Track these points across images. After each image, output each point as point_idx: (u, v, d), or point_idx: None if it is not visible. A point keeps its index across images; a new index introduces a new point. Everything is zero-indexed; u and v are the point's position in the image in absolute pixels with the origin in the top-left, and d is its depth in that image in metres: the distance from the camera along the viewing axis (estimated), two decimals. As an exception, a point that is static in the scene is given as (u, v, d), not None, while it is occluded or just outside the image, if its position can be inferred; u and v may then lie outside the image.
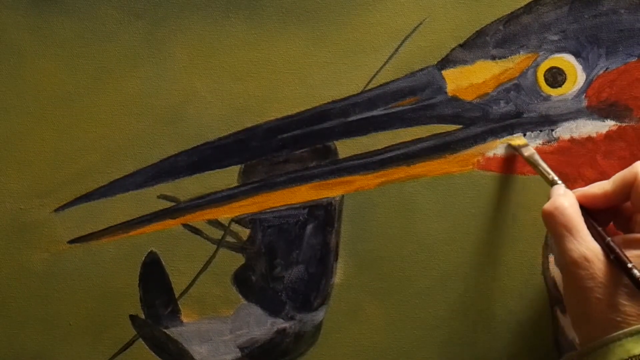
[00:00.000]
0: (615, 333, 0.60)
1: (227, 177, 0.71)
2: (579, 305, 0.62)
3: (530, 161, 0.70)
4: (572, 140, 0.72)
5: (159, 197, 0.70)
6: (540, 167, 0.69)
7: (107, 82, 0.70)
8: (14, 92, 0.69)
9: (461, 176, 0.72)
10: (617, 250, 0.61)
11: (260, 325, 0.71)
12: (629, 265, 0.60)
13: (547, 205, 0.64)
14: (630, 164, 0.72)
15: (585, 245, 0.62)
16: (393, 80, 0.71)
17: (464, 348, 0.73)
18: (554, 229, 0.63)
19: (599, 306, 0.61)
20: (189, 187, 0.70)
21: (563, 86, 0.72)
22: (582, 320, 0.63)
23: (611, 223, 0.67)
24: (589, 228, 0.63)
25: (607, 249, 0.62)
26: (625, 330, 0.60)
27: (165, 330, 0.71)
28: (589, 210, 0.64)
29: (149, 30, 0.70)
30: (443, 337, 0.73)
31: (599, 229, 0.63)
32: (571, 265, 0.62)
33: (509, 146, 0.72)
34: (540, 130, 0.72)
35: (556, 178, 0.67)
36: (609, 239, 0.62)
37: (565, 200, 0.64)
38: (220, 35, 0.70)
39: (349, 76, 0.71)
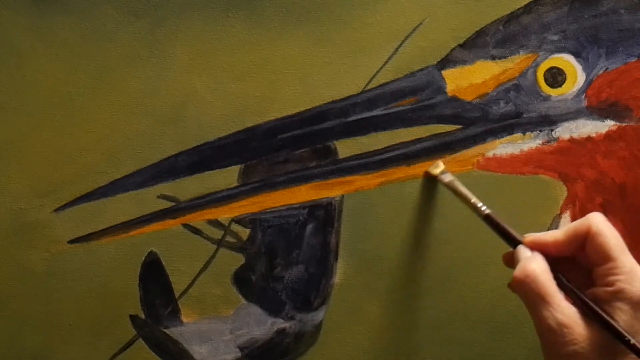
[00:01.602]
0: None
1: (227, 177, 0.71)
2: None
3: (450, 188, 0.69)
4: (572, 140, 0.72)
5: (159, 197, 0.70)
6: (461, 193, 0.67)
7: (107, 82, 0.70)
8: (14, 92, 0.69)
9: (461, 176, 0.72)
10: (597, 309, 0.59)
11: (260, 325, 0.71)
12: (612, 322, 0.59)
13: (518, 272, 0.61)
14: (630, 164, 0.72)
15: (561, 311, 0.60)
16: (393, 80, 0.71)
17: (464, 348, 0.73)
18: (527, 298, 0.61)
19: None
20: (189, 187, 0.70)
21: (563, 86, 0.72)
22: None
23: None
24: (561, 286, 0.62)
25: (587, 309, 0.60)
26: None
27: (165, 330, 0.71)
28: (559, 267, 0.63)
29: (149, 30, 0.70)
30: (443, 337, 0.73)
31: (575, 289, 0.61)
32: (549, 334, 0.60)
33: (427, 174, 0.71)
34: (540, 130, 0.72)
35: (480, 204, 0.65)
36: (585, 298, 0.61)
37: (536, 265, 0.61)
38: (220, 35, 0.70)
39: (349, 76, 0.71)
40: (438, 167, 0.72)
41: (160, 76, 0.70)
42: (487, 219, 0.65)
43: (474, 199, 0.67)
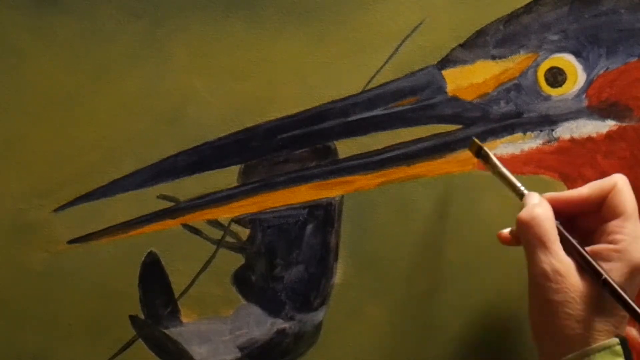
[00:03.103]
0: (585, 348, 0.60)
1: (227, 177, 0.71)
2: (546, 318, 0.62)
3: (493, 166, 0.69)
4: (572, 140, 0.72)
5: (158, 197, 0.70)
6: (503, 174, 0.68)
7: (107, 82, 0.70)
8: (14, 92, 0.69)
9: (461, 176, 0.72)
10: (594, 263, 0.61)
11: (260, 325, 0.71)
12: (606, 277, 0.60)
13: (524, 214, 0.63)
14: (630, 164, 0.72)
15: (559, 258, 0.62)
16: (393, 80, 0.71)
17: (464, 348, 0.73)
18: (529, 239, 0.63)
19: (567, 321, 0.61)
20: (188, 187, 0.70)
21: (563, 86, 0.72)
22: (546, 334, 0.62)
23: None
24: (562, 240, 0.63)
25: (583, 262, 0.62)
26: (594, 346, 0.60)
27: (165, 331, 0.71)
28: (562, 221, 0.64)
29: (149, 30, 0.70)
30: (443, 337, 0.73)
31: (574, 241, 0.63)
32: (541, 277, 0.62)
33: (474, 144, 0.70)
34: (541, 130, 0.72)
35: (519, 185, 0.67)
36: (585, 253, 0.62)
37: (541, 210, 0.63)
38: (220, 35, 0.70)
39: (349, 76, 0.71)
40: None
41: (160, 76, 0.70)
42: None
43: (514, 181, 0.67)
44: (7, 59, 0.69)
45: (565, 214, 0.65)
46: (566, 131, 0.72)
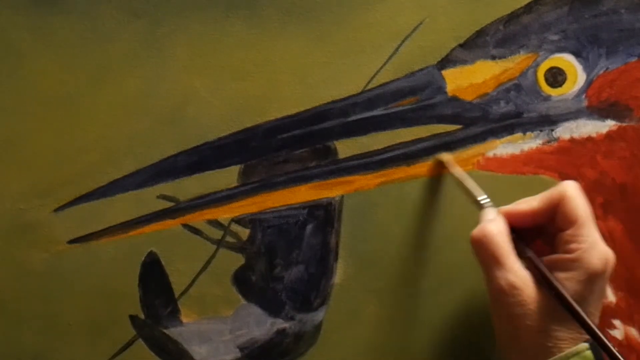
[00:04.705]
0: (550, 358, 0.60)
1: (227, 177, 0.71)
2: (509, 332, 0.62)
3: (456, 178, 0.70)
4: (572, 140, 0.72)
5: (158, 197, 0.70)
6: (466, 186, 0.68)
7: (107, 82, 0.70)
8: (14, 92, 0.69)
9: (461, 176, 0.72)
10: (548, 275, 0.61)
11: (260, 325, 0.71)
12: (561, 289, 0.60)
13: (475, 232, 0.64)
14: (630, 164, 0.72)
15: (513, 273, 0.62)
16: (393, 80, 0.71)
17: (464, 348, 0.73)
18: (482, 257, 0.63)
19: (529, 333, 0.61)
20: (188, 187, 0.70)
21: (563, 86, 0.72)
22: (512, 347, 0.63)
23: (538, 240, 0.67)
24: (519, 252, 0.63)
25: (538, 274, 0.62)
26: (561, 354, 0.60)
27: (165, 331, 0.71)
28: (518, 231, 0.64)
29: (149, 30, 0.70)
30: (443, 337, 0.73)
31: (530, 254, 0.63)
32: (499, 293, 0.62)
33: (436, 160, 0.71)
34: (540, 130, 0.72)
35: (481, 198, 0.67)
36: (539, 264, 0.62)
37: (494, 227, 0.63)
38: (220, 35, 0.70)
39: (349, 76, 0.71)
40: (446, 156, 0.71)
41: (160, 76, 0.70)
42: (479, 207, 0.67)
43: (477, 195, 0.67)
44: (7, 59, 0.69)
45: (524, 226, 0.65)
46: (566, 131, 0.72)
